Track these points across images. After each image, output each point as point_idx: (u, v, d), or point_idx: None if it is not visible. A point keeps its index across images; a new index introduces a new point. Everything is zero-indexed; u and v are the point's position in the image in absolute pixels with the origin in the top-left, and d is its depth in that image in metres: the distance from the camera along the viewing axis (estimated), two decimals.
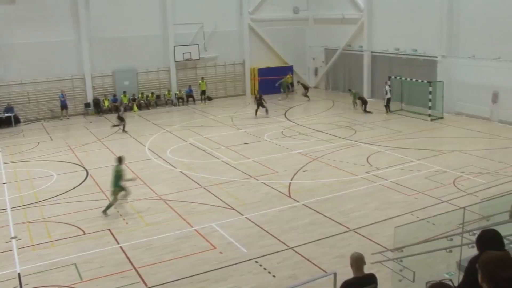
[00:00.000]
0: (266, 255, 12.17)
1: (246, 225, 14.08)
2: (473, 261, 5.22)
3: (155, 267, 11.81)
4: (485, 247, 5.18)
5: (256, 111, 28.88)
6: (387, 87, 28.31)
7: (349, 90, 32.14)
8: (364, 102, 29.02)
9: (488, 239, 5.31)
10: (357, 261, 6.97)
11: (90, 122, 29.84)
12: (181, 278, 11.25)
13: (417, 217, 14.08)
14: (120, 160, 15.49)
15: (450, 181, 16.91)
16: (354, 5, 34.20)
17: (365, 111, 28.73)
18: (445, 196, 15.58)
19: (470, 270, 5.02)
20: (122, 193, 15.39)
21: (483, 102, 25.83)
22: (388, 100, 28.24)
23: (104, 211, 15.05)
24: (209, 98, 35.15)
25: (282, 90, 35.30)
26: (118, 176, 15.18)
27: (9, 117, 29.00)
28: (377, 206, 15.12)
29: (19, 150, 23.54)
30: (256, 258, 12.04)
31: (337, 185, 17.16)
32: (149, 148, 22.90)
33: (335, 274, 7.88)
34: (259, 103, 28.72)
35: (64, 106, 30.57)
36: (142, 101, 33.03)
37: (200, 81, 34.68)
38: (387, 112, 28.25)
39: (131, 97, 32.56)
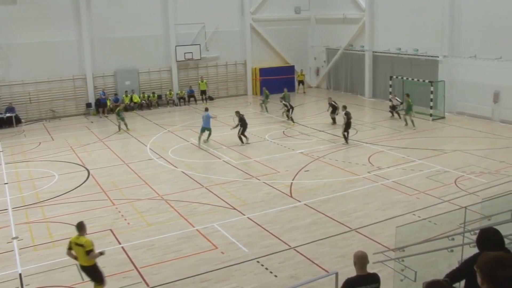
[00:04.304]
0: (267, 255, 12.17)
1: (247, 225, 14.08)
2: (476, 256, 5.22)
3: (156, 267, 11.81)
4: (485, 245, 5.19)
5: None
6: (394, 100, 27.26)
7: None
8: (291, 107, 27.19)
9: (488, 238, 5.31)
10: (361, 259, 6.96)
11: (92, 122, 29.88)
12: (183, 278, 11.24)
13: (419, 216, 14.07)
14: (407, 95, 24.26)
15: (451, 181, 16.91)
16: (355, 5, 34.17)
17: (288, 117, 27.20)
18: (446, 195, 15.57)
19: (469, 265, 5.00)
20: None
21: (484, 102, 25.81)
22: (394, 107, 27.24)
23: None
24: (211, 98, 35.15)
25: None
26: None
27: (10, 117, 29.02)
28: (378, 206, 15.11)
29: (20, 150, 23.56)
30: (258, 258, 12.04)
31: (338, 185, 17.15)
32: (151, 148, 22.90)
33: (336, 274, 7.88)
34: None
35: (104, 105, 31.42)
36: (143, 101, 33.07)
37: (199, 81, 34.72)
38: (392, 115, 27.36)
39: (130, 93, 32.73)
